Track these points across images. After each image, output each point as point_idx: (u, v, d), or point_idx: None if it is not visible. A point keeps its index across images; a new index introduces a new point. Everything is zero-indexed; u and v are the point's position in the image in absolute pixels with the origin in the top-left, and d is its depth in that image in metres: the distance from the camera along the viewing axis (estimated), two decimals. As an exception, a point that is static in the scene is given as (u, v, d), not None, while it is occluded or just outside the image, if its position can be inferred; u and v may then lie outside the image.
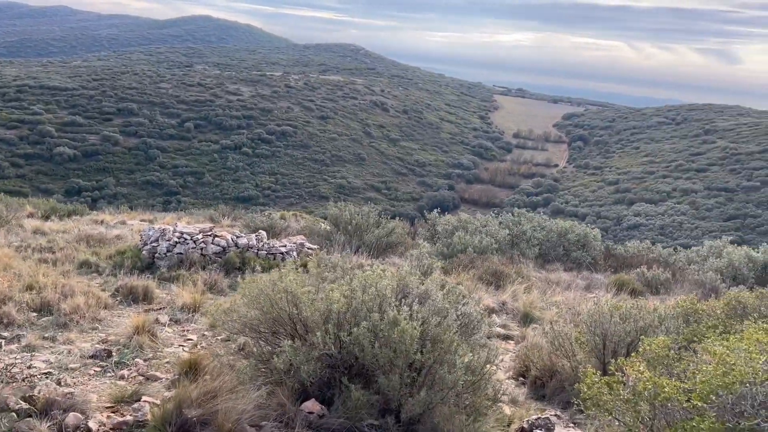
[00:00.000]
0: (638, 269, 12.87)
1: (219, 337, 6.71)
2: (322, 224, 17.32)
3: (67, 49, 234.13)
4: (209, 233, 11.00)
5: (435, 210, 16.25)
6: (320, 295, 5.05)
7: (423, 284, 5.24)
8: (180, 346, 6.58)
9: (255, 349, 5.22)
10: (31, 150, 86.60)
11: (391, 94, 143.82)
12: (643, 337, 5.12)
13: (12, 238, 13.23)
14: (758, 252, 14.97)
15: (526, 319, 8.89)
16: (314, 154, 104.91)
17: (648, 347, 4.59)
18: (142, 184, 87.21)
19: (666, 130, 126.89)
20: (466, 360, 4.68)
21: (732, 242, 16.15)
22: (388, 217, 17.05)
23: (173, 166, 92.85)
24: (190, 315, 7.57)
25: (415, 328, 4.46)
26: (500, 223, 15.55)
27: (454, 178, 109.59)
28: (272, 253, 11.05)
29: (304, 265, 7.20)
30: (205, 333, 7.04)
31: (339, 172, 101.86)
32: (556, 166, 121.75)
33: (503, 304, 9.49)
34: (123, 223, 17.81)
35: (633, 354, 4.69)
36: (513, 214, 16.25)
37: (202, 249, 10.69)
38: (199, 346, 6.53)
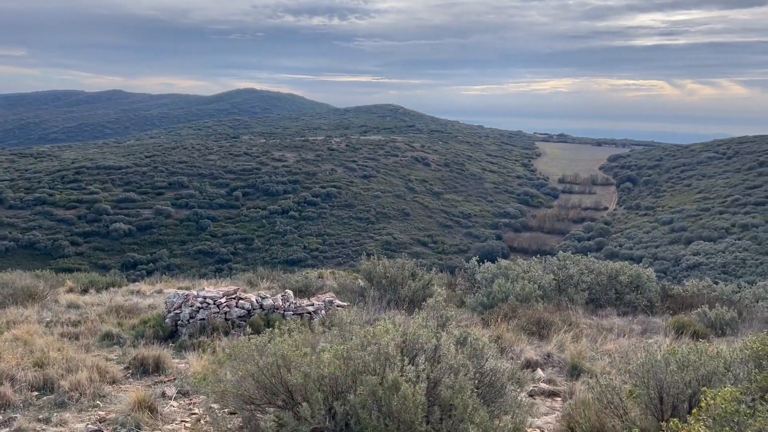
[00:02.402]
0: (699, 309, 11.69)
1: (226, 410, 6.11)
2: (360, 281, 16.76)
3: (121, 130, 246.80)
4: (233, 296, 10.56)
5: (473, 258, 15.48)
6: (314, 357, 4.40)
7: (436, 338, 4.52)
8: (182, 422, 5.99)
9: (250, 425, 4.58)
10: (88, 228, 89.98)
11: (431, 148, 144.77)
12: (704, 388, 4.25)
13: (45, 314, 13.12)
14: (835, 283, 13.53)
15: (574, 371, 7.95)
16: (359, 213, 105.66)
17: (712, 402, 3.75)
18: (195, 254, 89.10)
19: (717, 165, 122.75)
20: (491, 427, 3.91)
21: (804, 274, 14.73)
22: (430, 270, 16.37)
23: (223, 234, 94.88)
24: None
25: (417, 393, 3.74)
26: (544, 267, 14.62)
27: (502, 228, 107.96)
28: (299, 313, 10.49)
29: (325, 324, 6.59)
30: (212, 405, 6.45)
31: (384, 228, 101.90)
32: (606, 209, 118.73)
33: (548, 356, 8.58)
34: (160, 292, 17.63)
35: (694, 411, 3.85)
36: (558, 258, 15.30)
37: (225, 313, 10.24)
38: (202, 421, 5.93)
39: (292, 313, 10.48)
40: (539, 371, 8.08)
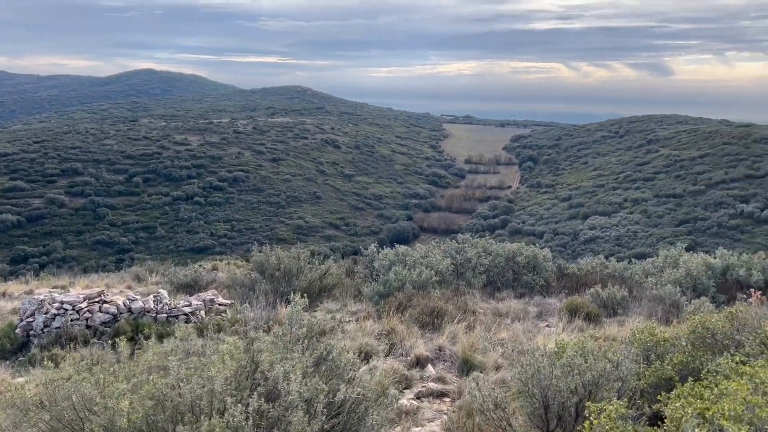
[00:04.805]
0: (592, 289, 11.72)
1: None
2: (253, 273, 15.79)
3: (5, 113, 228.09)
4: (97, 300, 9.38)
5: (372, 245, 14.91)
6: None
7: (282, 362, 3.72)
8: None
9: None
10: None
11: (341, 131, 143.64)
12: (588, 403, 3.79)
13: None
14: (715, 258, 14.03)
15: (466, 366, 7.49)
16: (269, 197, 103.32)
17: (596, 421, 3.28)
18: (93, 245, 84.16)
19: (611, 143, 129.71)
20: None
21: (687, 248, 15.20)
22: (340, 256, 15.71)
23: (123, 222, 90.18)
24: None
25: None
26: (444, 252, 14.28)
27: (412, 209, 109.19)
28: (174, 315, 9.47)
29: (201, 329, 5.70)
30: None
31: (296, 212, 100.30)
32: (510, 187, 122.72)
33: (440, 350, 8.08)
34: (30, 293, 15.87)
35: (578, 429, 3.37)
36: (457, 241, 15.02)
37: (87, 319, 9.06)
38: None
39: (165, 315, 9.45)
40: (429, 368, 7.57)
